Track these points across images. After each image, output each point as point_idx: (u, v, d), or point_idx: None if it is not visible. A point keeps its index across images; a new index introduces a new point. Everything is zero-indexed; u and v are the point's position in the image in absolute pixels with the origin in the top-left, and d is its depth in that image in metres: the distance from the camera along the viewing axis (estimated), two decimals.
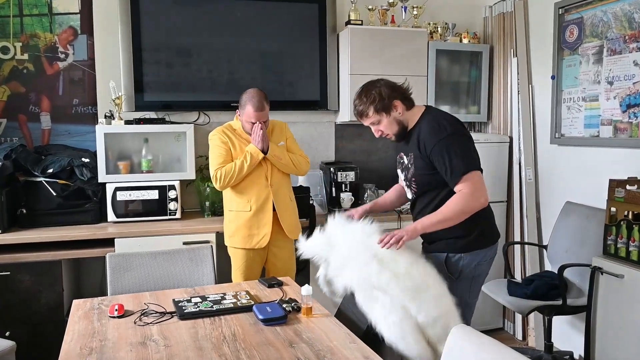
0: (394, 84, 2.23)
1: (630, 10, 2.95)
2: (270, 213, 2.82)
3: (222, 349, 1.68)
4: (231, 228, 2.86)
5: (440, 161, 2.11)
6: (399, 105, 2.20)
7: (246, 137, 2.84)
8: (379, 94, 2.18)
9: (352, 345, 1.71)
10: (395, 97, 2.19)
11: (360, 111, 2.23)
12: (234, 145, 2.81)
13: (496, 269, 3.72)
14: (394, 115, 2.20)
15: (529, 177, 3.66)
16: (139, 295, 2.22)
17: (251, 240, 2.82)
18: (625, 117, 3.00)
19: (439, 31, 3.88)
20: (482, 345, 1.42)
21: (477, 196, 2.07)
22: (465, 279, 2.20)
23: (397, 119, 2.21)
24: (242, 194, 2.81)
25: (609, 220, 2.66)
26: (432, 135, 2.13)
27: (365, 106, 2.20)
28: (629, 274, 2.49)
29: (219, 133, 2.85)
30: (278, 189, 2.85)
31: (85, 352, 1.66)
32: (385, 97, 2.18)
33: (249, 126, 2.77)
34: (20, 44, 3.37)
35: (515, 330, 3.76)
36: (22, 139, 3.40)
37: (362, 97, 2.22)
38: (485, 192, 2.10)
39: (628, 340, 2.51)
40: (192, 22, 3.45)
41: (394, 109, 2.20)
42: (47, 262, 2.86)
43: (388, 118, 2.21)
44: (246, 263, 2.84)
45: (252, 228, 2.81)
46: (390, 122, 2.21)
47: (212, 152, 2.84)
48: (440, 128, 2.13)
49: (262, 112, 2.73)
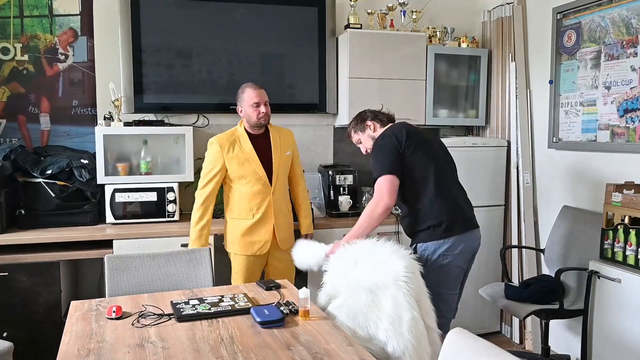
0: (374, 110, 2.71)
1: (627, 15, 2.97)
2: (271, 220, 2.83)
3: (219, 351, 1.68)
4: (233, 235, 2.85)
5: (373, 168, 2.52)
6: (372, 124, 2.65)
7: (245, 143, 2.81)
8: (358, 118, 2.71)
9: (349, 348, 1.71)
10: (368, 119, 2.66)
11: (347, 133, 2.78)
12: (230, 155, 2.78)
13: (493, 273, 3.75)
14: (368, 133, 2.66)
15: (526, 181, 3.67)
16: (137, 297, 2.22)
17: (252, 247, 2.82)
18: (622, 122, 3.01)
19: (438, 35, 3.90)
20: (479, 348, 1.42)
21: (377, 202, 2.43)
22: (432, 267, 2.43)
23: (370, 136, 2.65)
24: (245, 202, 2.82)
25: (606, 225, 2.67)
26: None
27: (349, 128, 2.76)
28: (626, 278, 2.50)
29: (216, 143, 2.81)
30: (279, 198, 2.87)
31: (82, 354, 1.66)
32: (360, 120, 2.69)
33: (254, 112, 2.76)
34: (20, 44, 3.37)
35: (513, 334, 3.77)
36: (21, 140, 3.40)
37: (350, 123, 2.76)
38: (386, 197, 2.41)
39: (625, 344, 2.51)
40: (192, 24, 3.46)
41: (367, 127, 2.66)
42: (45, 263, 2.86)
43: (363, 136, 2.68)
44: (246, 267, 2.85)
45: (254, 235, 2.82)
46: (365, 139, 2.68)
47: (204, 165, 2.86)
48: (375, 144, 2.57)
49: (261, 90, 2.80)
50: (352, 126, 2.72)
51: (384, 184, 2.42)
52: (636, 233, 2.50)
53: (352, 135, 2.74)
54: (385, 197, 2.40)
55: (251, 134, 2.86)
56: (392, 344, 2.00)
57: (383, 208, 2.41)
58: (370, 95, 3.59)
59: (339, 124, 3.81)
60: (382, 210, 2.41)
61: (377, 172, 2.45)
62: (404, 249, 2.29)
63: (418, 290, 2.14)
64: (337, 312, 2.11)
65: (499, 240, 3.76)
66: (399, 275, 2.09)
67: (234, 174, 2.80)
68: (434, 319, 2.19)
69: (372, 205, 2.43)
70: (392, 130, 2.55)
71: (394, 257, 2.17)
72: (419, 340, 2.05)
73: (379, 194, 2.42)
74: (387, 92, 3.60)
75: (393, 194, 2.42)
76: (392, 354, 2.01)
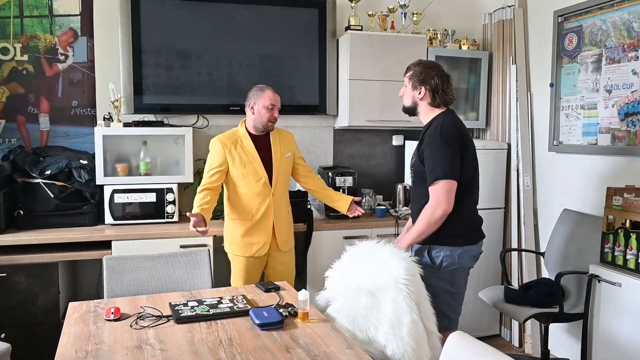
0: (443, 82, 2.46)
1: (629, 19, 2.97)
2: (271, 222, 2.83)
3: (218, 353, 1.68)
4: (232, 235, 2.85)
5: (427, 161, 2.38)
6: (425, 93, 2.46)
7: (247, 143, 2.81)
8: (423, 72, 2.46)
9: (348, 351, 1.70)
10: (427, 85, 2.45)
11: (407, 67, 2.54)
12: (232, 155, 2.79)
13: (493, 276, 3.74)
14: (414, 93, 2.48)
15: (526, 184, 3.66)
16: (136, 299, 2.21)
17: (251, 248, 2.82)
18: (623, 126, 3.01)
19: (439, 37, 3.89)
20: (479, 352, 1.42)
21: (434, 206, 2.33)
22: (447, 270, 2.43)
23: (413, 98, 2.50)
24: (245, 203, 2.81)
25: (607, 228, 2.66)
26: (431, 136, 2.40)
27: (411, 66, 2.52)
28: (626, 282, 2.49)
29: (219, 142, 2.82)
30: (279, 199, 2.86)
31: (80, 355, 1.66)
32: (423, 78, 2.45)
33: (267, 114, 2.77)
34: (20, 45, 3.37)
35: (512, 337, 3.76)
36: (20, 140, 3.39)
37: (420, 62, 2.52)
38: (444, 203, 2.32)
39: (625, 348, 2.50)
40: (192, 25, 3.45)
41: (419, 90, 2.46)
42: (43, 264, 2.86)
43: (410, 90, 2.50)
44: (246, 268, 2.84)
45: (253, 236, 2.82)
46: (408, 94, 2.52)
47: (206, 163, 2.85)
48: (438, 132, 2.37)
49: (278, 96, 2.83)
50: (414, 67, 2.50)
51: (444, 189, 2.32)
52: (637, 237, 2.49)
53: (405, 74, 2.53)
54: (443, 203, 2.32)
55: (253, 134, 2.85)
56: (392, 347, 1.99)
57: (441, 214, 2.33)
58: (371, 97, 3.58)
59: (339, 126, 3.81)
60: (440, 216, 2.33)
61: (439, 172, 2.32)
62: (404, 251, 2.28)
63: (418, 293, 2.13)
64: (337, 315, 2.10)
65: (499, 243, 3.75)
66: (399, 278, 2.08)
67: (235, 173, 2.80)
68: (434, 322, 2.18)
69: (430, 209, 2.35)
70: (453, 123, 2.42)
71: (394, 259, 2.17)
72: (419, 343, 2.04)
73: (437, 198, 2.33)
74: (388, 94, 3.60)
75: (451, 201, 2.34)
76: (391, 357, 2.00)
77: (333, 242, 3.28)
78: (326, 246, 3.25)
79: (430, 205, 2.35)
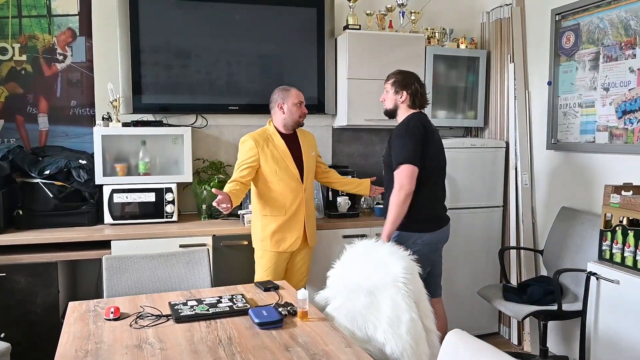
0: (420, 88, 2.83)
1: (626, 17, 2.97)
2: (302, 217, 2.91)
3: (217, 352, 1.68)
4: (265, 233, 2.88)
5: (393, 151, 2.71)
6: (406, 97, 2.79)
7: (278, 141, 2.88)
8: (405, 79, 2.81)
9: (347, 349, 1.71)
10: (408, 90, 2.79)
11: (387, 76, 2.89)
12: (264, 152, 2.84)
13: (492, 274, 3.75)
14: (396, 97, 2.81)
15: (525, 183, 3.67)
16: (135, 298, 2.22)
17: (284, 243, 2.87)
18: (620, 123, 3.02)
19: (437, 36, 3.90)
20: (477, 349, 1.42)
21: (398, 189, 2.64)
22: None
23: (395, 101, 2.82)
24: (278, 199, 2.86)
25: (605, 226, 2.67)
26: (398, 129, 2.77)
27: (392, 75, 2.86)
28: (624, 280, 2.50)
29: (251, 139, 2.86)
30: (309, 195, 2.96)
31: (80, 355, 1.66)
32: (405, 84, 2.80)
33: (298, 111, 2.89)
34: (18, 45, 3.37)
35: (511, 335, 3.77)
36: (19, 140, 3.39)
37: (400, 72, 2.86)
38: (407, 185, 2.62)
39: (623, 345, 2.51)
40: (191, 25, 3.45)
41: (400, 94, 2.80)
42: (43, 263, 2.86)
43: (392, 95, 2.83)
44: (275, 264, 2.89)
45: (285, 232, 2.87)
46: (390, 98, 2.84)
47: (238, 158, 2.88)
48: (404, 126, 2.74)
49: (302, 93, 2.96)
50: (394, 79, 2.83)
51: (406, 172, 2.63)
52: (635, 234, 2.50)
53: (387, 81, 2.87)
54: (405, 185, 2.62)
55: (282, 133, 2.92)
56: (391, 345, 2.00)
57: (405, 195, 2.62)
58: (369, 96, 3.58)
59: (338, 125, 3.81)
60: (404, 197, 2.62)
61: (401, 158, 2.64)
62: (402, 250, 2.29)
63: (417, 292, 2.14)
64: (336, 314, 2.11)
65: (497, 242, 3.76)
66: (398, 277, 2.09)
67: (267, 170, 2.84)
68: (432, 321, 2.19)
69: (395, 194, 2.64)
70: (419, 120, 2.75)
71: (392, 258, 2.17)
72: (418, 341, 2.05)
73: (400, 181, 2.63)
74: None
75: (413, 182, 2.63)
76: (390, 356, 2.01)
77: (332, 241, 3.29)
78: (325, 245, 3.26)
79: (395, 189, 2.65)
